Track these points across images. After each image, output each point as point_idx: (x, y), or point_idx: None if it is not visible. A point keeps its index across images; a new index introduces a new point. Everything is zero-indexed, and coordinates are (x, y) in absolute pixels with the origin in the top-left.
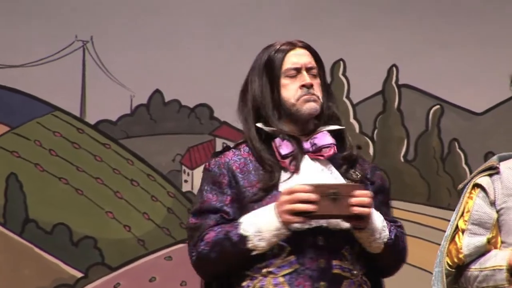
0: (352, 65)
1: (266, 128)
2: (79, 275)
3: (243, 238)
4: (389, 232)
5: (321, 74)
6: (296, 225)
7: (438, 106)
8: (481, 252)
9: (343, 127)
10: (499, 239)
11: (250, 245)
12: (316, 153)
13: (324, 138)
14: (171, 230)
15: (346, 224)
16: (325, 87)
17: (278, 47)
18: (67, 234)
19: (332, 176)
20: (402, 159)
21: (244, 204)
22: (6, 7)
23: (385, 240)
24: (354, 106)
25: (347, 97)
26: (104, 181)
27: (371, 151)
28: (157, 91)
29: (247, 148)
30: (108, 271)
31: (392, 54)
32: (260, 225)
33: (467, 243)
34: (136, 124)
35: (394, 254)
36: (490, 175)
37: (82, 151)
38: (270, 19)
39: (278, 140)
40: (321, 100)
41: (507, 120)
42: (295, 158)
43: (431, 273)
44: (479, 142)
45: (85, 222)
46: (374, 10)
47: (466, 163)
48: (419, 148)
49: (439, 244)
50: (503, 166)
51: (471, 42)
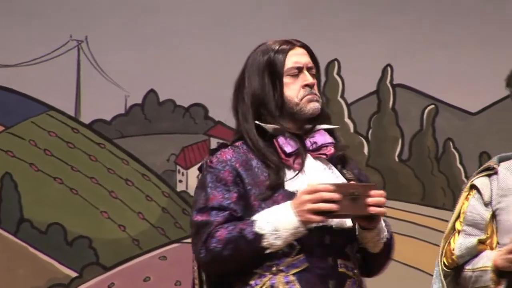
0: (346, 64)
1: (269, 126)
2: (73, 274)
3: (259, 236)
4: (386, 232)
5: (318, 73)
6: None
7: (432, 106)
8: (472, 253)
9: (338, 126)
10: (495, 240)
11: (265, 243)
12: (317, 151)
13: (323, 137)
14: (166, 230)
15: (349, 223)
16: (319, 87)
17: (278, 47)
18: (62, 234)
19: (333, 175)
20: (397, 159)
21: (250, 202)
22: (0, 7)
23: (384, 240)
24: (348, 105)
25: (342, 96)
26: (99, 180)
27: (365, 150)
28: (151, 91)
29: (245, 145)
30: (102, 270)
31: (386, 54)
32: (277, 223)
33: (460, 244)
34: (130, 124)
35: (389, 253)
36: (489, 176)
37: (76, 151)
38: (265, 19)
39: (281, 138)
40: (320, 99)
41: (501, 119)
42: (299, 157)
43: (426, 272)
44: (473, 142)
45: (79, 221)
46: (369, 10)
47: (461, 163)
48: (414, 147)
49: (434, 244)
50: (502, 167)
51: (466, 42)
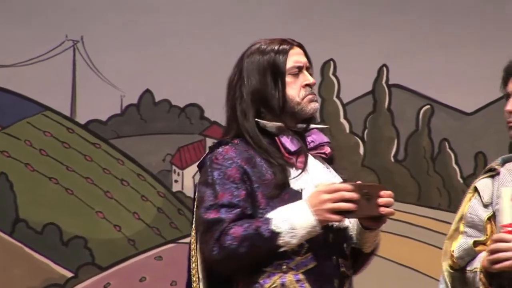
0: (342, 65)
1: (273, 124)
2: (69, 275)
3: (275, 235)
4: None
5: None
6: None
7: (428, 106)
8: (470, 255)
9: (328, 126)
10: None
11: (281, 241)
12: (314, 150)
13: (319, 136)
14: (161, 230)
15: (346, 223)
16: None
17: (278, 46)
18: (57, 234)
19: (332, 175)
20: (392, 159)
21: (257, 199)
22: None
23: (379, 240)
24: (344, 106)
25: (338, 97)
26: (94, 181)
27: (361, 151)
28: (147, 91)
29: (243, 143)
30: (98, 271)
31: (382, 54)
32: (293, 222)
33: (458, 245)
34: (126, 124)
35: (375, 252)
36: (492, 177)
37: (72, 151)
38: (260, 19)
39: (284, 136)
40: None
41: (497, 120)
42: (302, 156)
43: (422, 272)
44: (469, 142)
45: (75, 222)
46: (364, 11)
47: (456, 163)
48: (409, 148)
49: (430, 244)
50: (505, 168)
51: (462, 43)
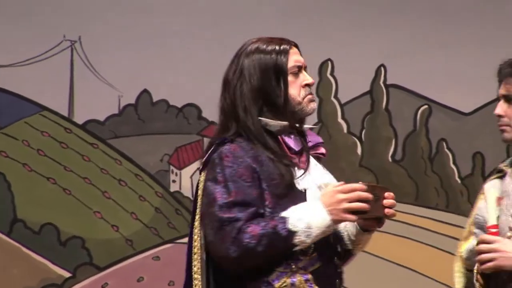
0: (340, 65)
1: (278, 123)
2: (67, 275)
3: (292, 234)
4: None
5: None
6: None
7: (426, 106)
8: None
9: (317, 127)
10: None
11: (297, 240)
12: (313, 150)
13: (314, 136)
14: (159, 230)
15: (341, 225)
16: None
17: (279, 46)
18: (55, 234)
19: (328, 175)
20: (390, 159)
21: (265, 198)
22: None
23: None
24: (342, 106)
25: (335, 97)
26: (92, 181)
27: (359, 151)
28: (145, 91)
29: (245, 141)
30: (96, 271)
31: (380, 54)
32: (309, 221)
33: (467, 247)
34: (124, 124)
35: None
36: (501, 178)
37: (70, 151)
38: (258, 19)
39: (287, 136)
40: None
41: (495, 120)
42: (303, 155)
43: (420, 273)
44: (467, 142)
45: (73, 222)
46: (362, 11)
47: (454, 163)
48: (407, 148)
49: (427, 244)
50: (511, 170)
51: (459, 43)
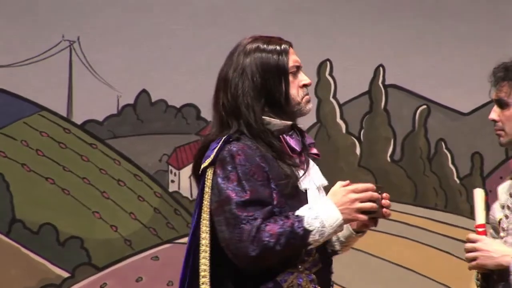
0: (338, 65)
1: (282, 122)
2: (65, 275)
3: (307, 233)
4: None
5: None
6: None
7: (424, 106)
8: None
9: (302, 125)
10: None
11: (311, 239)
12: (309, 150)
13: (307, 136)
14: (158, 230)
15: None
16: None
17: (280, 46)
18: (54, 234)
19: (322, 176)
20: (389, 159)
21: (273, 198)
22: None
23: None
24: (340, 106)
25: (334, 97)
26: (91, 181)
27: (357, 151)
28: (143, 91)
29: (248, 140)
30: (94, 271)
31: (378, 54)
32: (323, 220)
33: None
34: (122, 124)
35: None
36: None
37: (68, 151)
38: (256, 20)
39: (288, 135)
40: None
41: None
42: (303, 156)
43: (418, 273)
44: (465, 142)
45: (71, 222)
46: (361, 11)
47: (453, 163)
48: (406, 148)
49: (426, 244)
50: None
51: (458, 43)
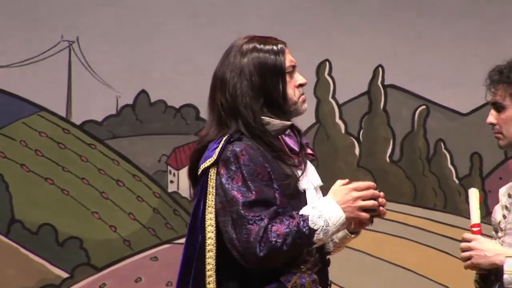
0: (338, 65)
1: (279, 122)
2: (64, 275)
3: (312, 232)
4: None
5: None
6: None
7: (424, 107)
8: None
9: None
10: None
11: (315, 238)
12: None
13: (303, 137)
14: (157, 231)
15: None
16: None
17: (276, 46)
18: (53, 235)
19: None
20: (388, 160)
21: (276, 198)
22: None
23: None
24: (340, 106)
25: (333, 97)
26: (90, 181)
27: (357, 151)
28: (143, 92)
29: (248, 139)
30: (93, 271)
31: (377, 55)
32: (327, 219)
33: None
34: (122, 125)
35: None
36: None
37: (67, 152)
38: (256, 20)
39: (287, 135)
40: None
41: None
42: (300, 156)
43: (417, 273)
44: (464, 143)
45: (71, 222)
46: (360, 11)
47: (452, 164)
48: (405, 148)
49: (425, 245)
50: None
51: (458, 43)
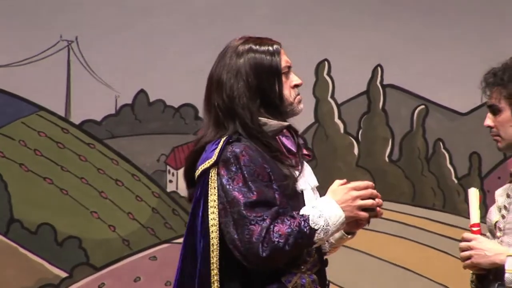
0: (336, 65)
1: (276, 122)
2: (63, 275)
3: (313, 231)
4: None
5: None
6: None
7: (422, 106)
8: None
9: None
10: None
11: (316, 238)
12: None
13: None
14: (156, 230)
15: None
16: None
17: (272, 47)
18: (52, 234)
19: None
20: (387, 159)
21: (276, 198)
22: None
23: None
24: (338, 106)
25: (332, 97)
26: (89, 181)
27: (355, 151)
28: (141, 91)
29: (247, 140)
30: (92, 271)
31: (376, 54)
32: (327, 219)
33: None
34: (120, 124)
35: None
36: None
37: (66, 151)
38: (255, 20)
39: (284, 136)
40: None
41: None
42: (297, 156)
43: (416, 272)
44: (463, 143)
45: (69, 222)
46: (359, 11)
47: (451, 163)
48: (404, 148)
49: (424, 244)
50: None
51: (456, 43)
